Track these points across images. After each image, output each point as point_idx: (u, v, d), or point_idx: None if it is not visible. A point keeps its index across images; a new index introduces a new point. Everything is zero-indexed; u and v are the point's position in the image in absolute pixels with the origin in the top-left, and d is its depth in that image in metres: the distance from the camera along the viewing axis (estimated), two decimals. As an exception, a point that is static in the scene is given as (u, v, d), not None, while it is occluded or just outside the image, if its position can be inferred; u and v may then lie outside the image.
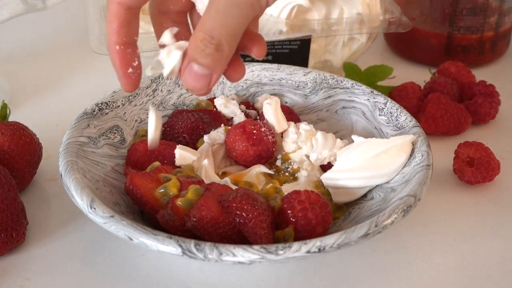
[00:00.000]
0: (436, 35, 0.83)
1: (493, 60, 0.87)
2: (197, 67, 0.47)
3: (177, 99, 0.66)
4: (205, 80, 0.47)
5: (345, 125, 0.65)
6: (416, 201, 0.50)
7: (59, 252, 0.55)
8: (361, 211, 0.55)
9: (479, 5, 0.80)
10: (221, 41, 0.46)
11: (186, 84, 0.48)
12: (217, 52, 0.46)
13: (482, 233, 0.58)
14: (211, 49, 0.46)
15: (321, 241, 0.46)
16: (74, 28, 0.95)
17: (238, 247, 0.45)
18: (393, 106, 0.62)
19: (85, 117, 0.59)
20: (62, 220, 0.59)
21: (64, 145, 0.55)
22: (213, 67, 0.47)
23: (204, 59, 0.46)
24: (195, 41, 0.46)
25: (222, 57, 0.46)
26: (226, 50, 0.46)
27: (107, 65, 0.83)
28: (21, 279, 0.53)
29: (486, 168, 0.62)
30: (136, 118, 0.63)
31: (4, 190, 0.53)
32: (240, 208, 0.49)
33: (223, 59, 0.47)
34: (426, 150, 0.55)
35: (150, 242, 0.46)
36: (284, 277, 0.53)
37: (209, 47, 0.46)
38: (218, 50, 0.46)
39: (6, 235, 0.53)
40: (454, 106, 0.70)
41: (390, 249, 0.56)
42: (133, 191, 0.52)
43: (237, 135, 0.59)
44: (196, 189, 0.50)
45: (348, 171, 0.56)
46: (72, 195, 0.50)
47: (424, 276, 0.54)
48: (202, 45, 0.46)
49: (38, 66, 0.86)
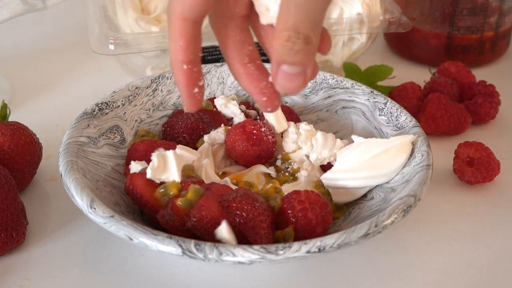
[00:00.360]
0: (436, 35, 0.83)
1: (493, 60, 0.87)
2: (288, 68, 0.45)
3: (177, 99, 0.66)
4: (300, 77, 0.46)
5: (345, 125, 0.65)
6: (416, 201, 0.50)
7: (59, 252, 0.55)
8: (361, 211, 0.55)
9: (479, 5, 0.80)
10: (308, 34, 0.44)
11: (282, 88, 0.46)
12: (307, 45, 0.44)
13: (482, 233, 0.58)
14: (300, 45, 0.44)
15: (321, 241, 0.46)
16: (74, 28, 0.95)
17: (238, 247, 0.45)
18: (393, 106, 0.62)
19: (85, 117, 0.59)
20: (62, 220, 0.59)
21: (64, 145, 0.55)
22: (305, 62, 0.45)
23: (294, 57, 0.45)
24: (281, 42, 0.45)
25: (312, 49, 0.45)
26: (314, 41, 0.45)
27: (107, 65, 0.84)
28: (21, 279, 0.53)
29: (486, 168, 0.62)
30: (136, 118, 0.63)
31: (4, 190, 0.53)
32: (240, 208, 0.49)
33: (313, 50, 0.45)
34: (426, 150, 0.55)
35: (150, 242, 0.46)
36: (284, 277, 0.53)
37: (297, 43, 0.44)
38: (307, 43, 0.44)
39: (6, 235, 0.53)
40: (454, 106, 0.70)
41: (390, 249, 0.56)
42: (133, 191, 0.52)
43: (237, 135, 0.59)
44: (196, 189, 0.50)
45: (348, 171, 0.56)
46: (72, 195, 0.50)
47: (424, 276, 0.54)
48: (289, 44, 0.44)
49: (38, 66, 0.86)
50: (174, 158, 0.53)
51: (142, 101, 0.64)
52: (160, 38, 0.71)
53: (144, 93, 0.65)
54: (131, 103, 0.63)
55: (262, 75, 0.50)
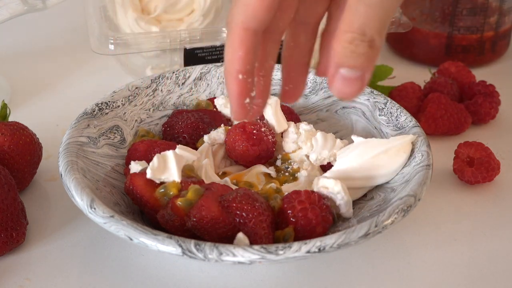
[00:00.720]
0: (436, 35, 0.83)
1: (493, 60, 0.87)
2: (346, 72, 0.43)
3: (177, 99, 0.66)
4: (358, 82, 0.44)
5: (345, 125, 0.65)
6: (416, 201, 0.50)
7: (59, 252, 0.55)
8: (361, 211, 0.55)
9: (479, 5, 0.80)
10: (374, 37, 0.43)
11: (339, 93, 0.44)
12: (371, 49, 0.43)
13: (482, 233, 0.58)
14: (364, 48, 0.43)
15: (321, 241, 0.46)
16: (74, 28, 0.95)
17: (238, 247, 0.45)
18: (393, 106, 0.62)
19: (85, 117, 0.59)
20: (62, 220, 0.59)
21: (64, 145, 0.55)
22: (365, 67, 0.44)
23: (355, 60, 0.43)
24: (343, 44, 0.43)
25: (375, 53, 0.43)
26: (378, 45, 0.43)
27: (107, 65, 0.84)
28: (21, 279, 0.53)
29: (486, 168, 0.62)
30: (136, 118, 0.63)
31: (4, 190, 0.53)
32: (240, 208, 0.49)
33: (375, 55, 0.44)
34: (426, 150, 0.55)
35: (150, 242, 0.46)
36: (284, 277, 0.53)
37: (361, 46, 0.43)
38: (372, 47, 0.43)
39: (6, 235, 0.53)
40: (454, 106, 0.70)
41: (390, 249, 0.56)
42: (133, 191, 0.52)
43: (237, 135, 0.59)
44: (196, 189, 0.50)
45: (348, 172, 0.56)
46: (72, 195, 0.50)
47: (424, 276, 0.54)
48: (352, 46, 0.43)
49: (38, 66, 0.86)
50: (174, 158, 0.53)
51: (142, 101, 0.64)
52: (160, 38, 0.71)
53: (144, 93, 0.65)
54: (131, 103, 0.63)
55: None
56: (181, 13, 0.76)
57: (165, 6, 0.75)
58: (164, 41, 0.71)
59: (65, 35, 0.94)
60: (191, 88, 0.67)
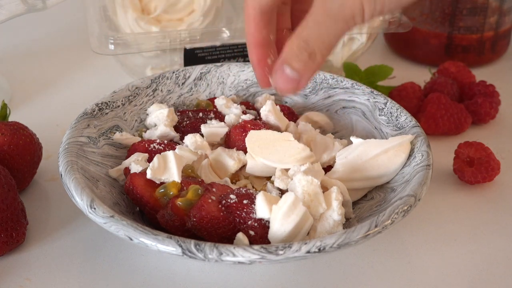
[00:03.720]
0: (436, 35, 0.83)
1: (493, 60, 0.87)
2: (289, 70, 0.49)
3: (177, 99, 0.66)
4: (294, 83, 0.50)
5: (345, 125, 0.65)
6: (416, 201, 0.50)
7: (59, 252, 0.55)
8: (361, 211, 0.55)
9: (479, 5, 0.80)
10: (315, 50, 0.48)
11: (276, 83, 0.51)
12: (310, 60, 0.49)
13: (482, 233, 0.58)
14: (305, 56, 0.49)
15: (321, 241, 0.46)
16: (74, 28, 0.95)
17: (238, 247, 0.45)
18: (393, 106, 0.62)
19: (85, 117, 0.59)
20: (62, 220, 0.59)
21: (64, 145, 0.55)
22: (303, 73, 0.49)
23: (297, 64, 0.49)
24: (291, 46, 0.49)
25: (313, 64, 0.49)
26: (318, 59, 0.49)
27: (107, 65, 0.84)
28: (21, 279, 0.53)
29: (486, 168, 0.62)
30: (136, 118, 0.63)
31: (4, 190, 0.53)
32: (240, 208, 0.49)
33: (313, 66, 0.49)
34: (426, 150, 0.55)
35: (150, 242, 0.46)
36: (284, 277, 0.53)
37: (303, 54, 0.49)
38: (311, 58, 0.49)
39: (6, 235, 0.53)
40: (454, 106, 0.70)
41: (390, 249, 0.56)
42: (133, 191, 0.52)
43: (237, 135, 0.59)
44: (196, 189, 0.50)
45: (348, 173, 0.56)
46: (72, 195, 0.50)
47: (424, 276, 0.54)
48: (297, 50, 0.49)
49: (38, 66, 0.86)
50: (174, 158, 0.53)
51: (142, 101, 0.64)
52: (160, 38, 0.71)
53: (144, 93, 0.65)
54: (131, 103, 0.63)
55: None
56: (181, 13, 0.76)
57: (165, 6, 0.75)
58: (164, 41, 0.71)
59: (65, 35, 0.95)
60: (191, 88, 0.67)
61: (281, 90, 0.51)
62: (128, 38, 0.71)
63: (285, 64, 0.49)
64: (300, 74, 0.49)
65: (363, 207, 0.55)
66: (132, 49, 0.71)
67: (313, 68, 0.49)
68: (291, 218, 0.48)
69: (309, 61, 0.49)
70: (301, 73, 0.49)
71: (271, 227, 0.49)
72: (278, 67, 0.50)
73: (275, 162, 0.55)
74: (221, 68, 0.68)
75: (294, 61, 0.49)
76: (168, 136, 0.61)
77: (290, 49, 0.49)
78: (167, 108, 0.62)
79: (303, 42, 0.48)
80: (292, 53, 0.49)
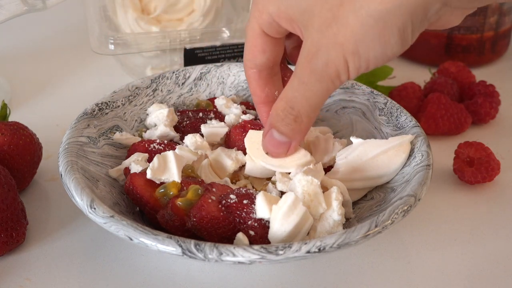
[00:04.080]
0: (436, 35, 0.83)
1: (493, 60, 0.87)
2: (277, 134, 0.49)
3: (177, 99, 0.66)
4: (284, 147, 0.50)
5: (345, 125, 0.65)
6: (416, 201, 0.50)
7: (59, 252, 0.55)
8: (361, 211, 0.55)
9: (479, 5, 0.80)
10: (300, 113, 0.47)
11: (266, 148, 0.51)
12: (296, 123, 0.48)
13: (482, 233, 0.58)
14: (290, 120, 0.48)
15: (321, 241, 0.46)
16: (74, 28, 0.95)
17: (238, 247, 0.45)
18: (393, 106, 0.62)
19: (85, 117, 0.59)
20: (62, 220, 0.59)
21: (64, 145, 0.55)
22: (291, 136, 0.49)
23: (284, 128, 0.48)
24: (276, 110, 0.48)
25: (300, 127, 0.48)
26: (305, 122, 0.48)
27: (107, 65, 0.84)
28: (21, 279, 0.53)
29: (486, 168, 0.62)
30: (136, 118, 0.63)
31: (4, 190, 0.53)
32: (240, 208, 0.49)
33: (301, 129, 0.49)
34: (426, 150, 0.55)
35: (150, 242, 0.46)
36: (284, 277, 0.53)
37: (288, 117, 0.48)
38: (297, 122, 0.48)
39: (6, 235, 0.53)
40: (454, 106, 0.70)
41: (390, 249, 0.56)
42: (133, 191, 0.52)
43: (237, 135, 0.59)
44: (196, 189, 0.50)
45: (348, 173, 0.56)
46: (72, 195, 0.50)
47: (424, 276, 0.53)
48: (282, 114, 0.48)
49: (38, 66, 0.86)
50: (174, 159, 0.53)
51: (142, 101, 0.64)
52: (160, 38, 0.71)
53: (144, 93, 0.65)
54: (131, 103, 0.63)
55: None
56: (181, 13, 0.77)
57: (165, 6, 0.75)
58: (164, 41, 0.71)
59: (65, 35, 0.95)
60: (191, 88, 0.67)
61: (272, 154, 0.51)
62: (128, 38, 0.71)
63: (272, 129, 0.49)
64: (289, 138, 0.49)
65: (363, 207, 0.55)
66: (132, 49, 0.71)
67: (301, 131, 0.49)
68: (291, 218, 0.48)
69: (295, 125, 0.48)
70: (290, 136, 0.49)
71: (271, 227, 0.49)
72: (266, 131, 0.49)
73: (275, 166, 0.54)
74: (221, 68, 0.68)
75: (281, 125, 0.48)
76: (168, 136, 0.61)
77: (276, 113, 0.48)
78: (167, 108, 0.62)
79: (288, 106, 0.47)
80: (277, 117, 0.48)
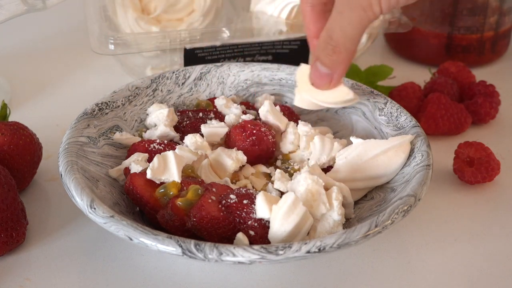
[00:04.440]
0: (436, 35, 0.83)
1: (493, 60, 0.87)
2: (320, 66, 0.49)
3: (177, 99, 0.66)
4: (327, 78, 0.50)
5: (345, 125, 0.65)
6: (416, 201, 0.50)
7: (59, 252, 0.55)
8: (361, 211, 0.55)
9: (479, 5, 0.80)
10: (339, 43, 0.47)
11: (311, 79, 0.51)
12: (335, 54, 0.48)
13: (482, 233, 0.58)
14: (330, 50, 0.48)
15: (321, 241, 0.46)
16: (74, 28, 0.95)
17: (238, 247, 0.45)
18: (393, 106, 0.62)
19: (85, 117, 0.59)
20: (62, 220, 0.59)
21: (64, 145, 0.55)
22: (332, 68, 0.48)
23: (325, 59, 0.48)
24: (320, 40, 0.48)
25: (339, 59, 0.48)
26: (343, 53, 0.48)
27: (107, 65, 0.84)
28: (21, 279, 0.53)
29: (486, 168, 0.62)
30: (136, 118, 0.63)
31: (4, 190, 0.53)
32: (240, 208, 0.49)
33: (340, 61, 0.48)
34: (426, 150, 0.55)
35: (150, 242, 0.46)
36: (284, 277, 0.53)
37: (328, 48, 0.48)
38: (335, 52, 0.47)
39: (6, 235, 0.53)
40: (454, 106, 0.70)
41: (390, 249, 0.56)
42: (133, 191, 0.52)
43: (237, 135, 0.59)
44: (196, 189, 0.50)
45: (348, 173, 0.56)
46: (72, 195, 0.50)
47: (424, 276, 0.53)
48: (323, 44, 0.48)
49: (38, 66, 0.86)
50: (174, 159, 0.53)
51: (142, 101, 0.64)
52: (160, 38, 0.71)
53: (144, 93, 0.65)
54: (131, 103, 0.63)
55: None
56: (181, 13, 0.76)
57: (165, 6, 0.75)
58: (164, 41, 0.71)
59: (65, 35, 0.94)
60: (191, 88, 0.67)
61: (316, 85, 0.51)
62: (128, 38, 0.71)
63: (316, 61, 0.49)
64: (331, 70, 0.48)
65: (363, 207, 0.55)
66: (132, 49, 0.71)
67: (340, 62, 0.48)
68: (291, 218, 0.48)
69: (335, 55, 0.48)
70: (331, 68, 0.48)
71: (271, 227, 0.49)
72: (313, 63, 0.49)
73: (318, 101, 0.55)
74: (221, 68, 0.68)
75: (322, 56, 0.48)
76: (168, 136, 0.61)
77: (318, 44, 0.48)
78: (167, 108, 0.62)
79: (327, 36, 0.47)
80: (319, 48, 0.48)
